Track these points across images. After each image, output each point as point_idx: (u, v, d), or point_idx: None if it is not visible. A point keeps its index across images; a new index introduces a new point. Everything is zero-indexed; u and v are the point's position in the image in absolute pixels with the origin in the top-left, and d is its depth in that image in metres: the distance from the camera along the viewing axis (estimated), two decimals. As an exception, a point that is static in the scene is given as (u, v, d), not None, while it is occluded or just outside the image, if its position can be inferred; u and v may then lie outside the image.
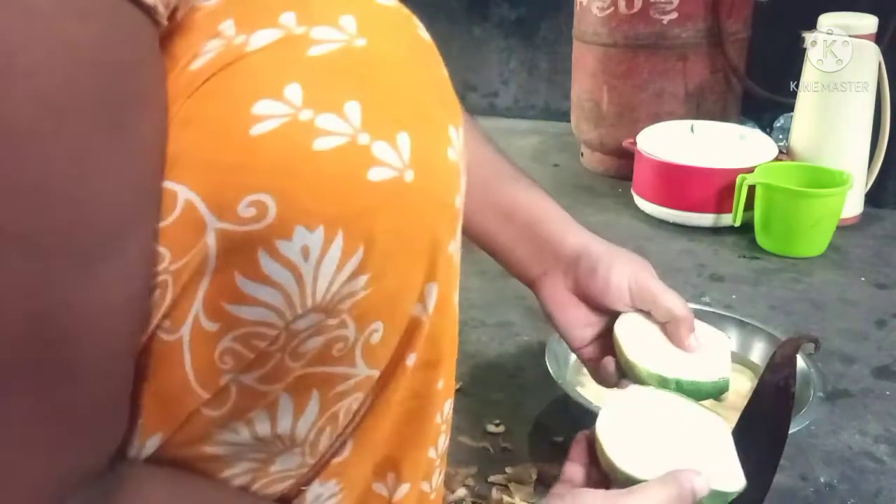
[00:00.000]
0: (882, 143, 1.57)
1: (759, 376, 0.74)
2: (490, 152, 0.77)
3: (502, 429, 1.02)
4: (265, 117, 0.37)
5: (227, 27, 0.39)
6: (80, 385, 0.36)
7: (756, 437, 0.69)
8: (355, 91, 0.39)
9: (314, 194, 0.38)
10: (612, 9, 1.79)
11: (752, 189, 1.50)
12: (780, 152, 1.62)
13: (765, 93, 1.85)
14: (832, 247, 1.50)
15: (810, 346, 0.75)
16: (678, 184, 1.60)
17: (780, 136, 1.77)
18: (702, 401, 0.68)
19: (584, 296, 0.73)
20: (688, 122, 1.70)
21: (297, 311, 0.40)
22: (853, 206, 1.58)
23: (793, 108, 1.63)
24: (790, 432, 0.70)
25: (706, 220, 1.60)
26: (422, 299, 0.46)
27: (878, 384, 1.11)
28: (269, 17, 0.39)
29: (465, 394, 1.08)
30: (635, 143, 1.69)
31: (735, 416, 0.72)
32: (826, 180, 1.48)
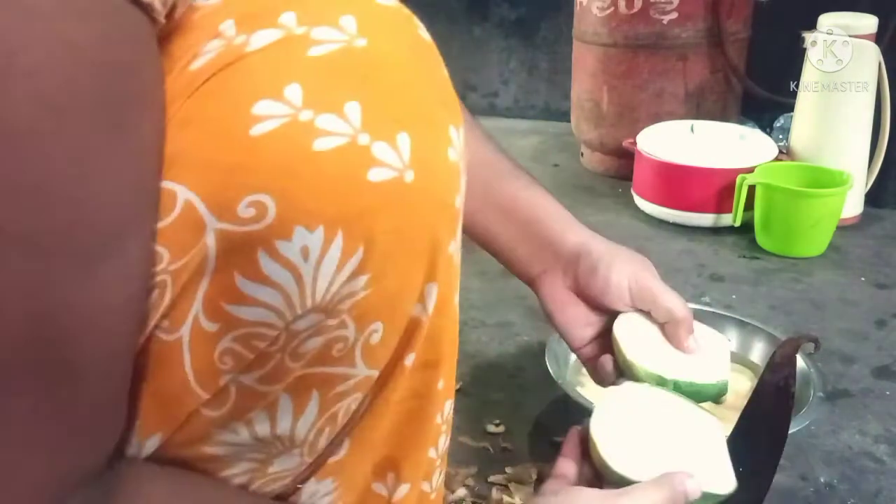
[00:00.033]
0: (882, 143, 1.57)
1: (759, 376, 0.74)
2: (490, 151, 0.76)
3: (502, 429, 1.02)
4: (265, 117, 0.37)
5: (228, 27, 0.39)
6: (79, 385, 0.36)
7: (756, 437, 0.69)
8: (355, 91, 0.39)
9: (314, 195, 0.38)
10: (612, 9, 1.79)
11: (752, 189, 1.50)
12: (780, 152, 1.62)
13: (765, 93, 1.85)
14: (832, 247, 1.50)
15: (810, 346, 0.75)
16: (678, 184, 1.60)
17: (780, 136, 1.77)
18: (700, 403, 0.68)
19: (584, 295, 0.73)
20: (688, 122, 1.70)
21: (297, 311, 0.40)
22: (853, 206, 1.58)
23: (793, 108, 1.63)
24: (790, 432, 0.70)
25: (706, 220, 1.59)
26: (422, 299, 0.46)
27: (878, 384, 1.11)
28: (269, 18, 0.39)
29: (465, 394, 1.08)
30: (635, 143, 1.69)
31: (735, 416, 0.72)
32: (826, 180, 1.48)
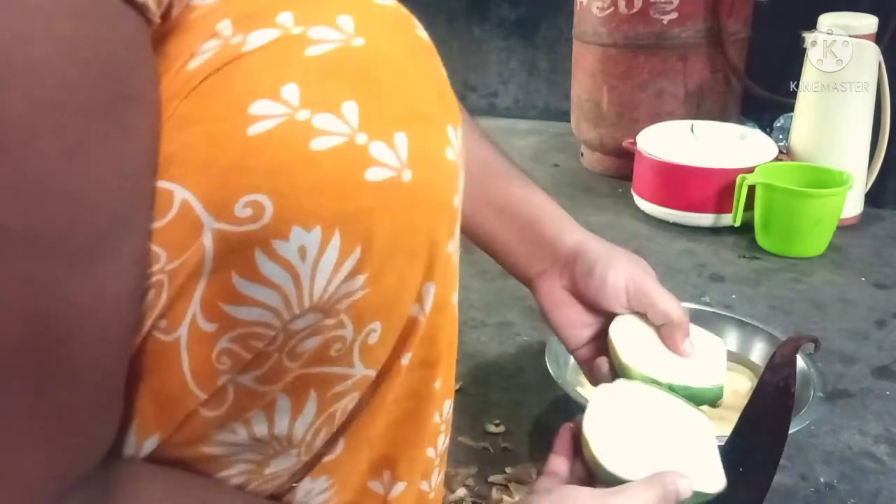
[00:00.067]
0: (882, 143, 1.57)
1: (759, 376, 0.74)
2: (488, 151, 0.76)
3: (502, 429, 1.02)
4: (262, 117, 0.37)
5: (225, 27, 0.39)
6: (74, 384, 0.35)
7: (756, 437, 0.69)
8: (353, 91, 0.39)
9: (311, 194, 0.38)
10: (612, 9, 1.79)
11: (752, 189, 1.50)
12: (780, 152, 1.62)
13: (765, 93, 1.85)
14: (832, 247, 1.50)
15: (810, 346, 0.74)
16: (678, 184, 1.60)
17: (780, 136, 1.77)
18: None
19: (581, 295, 0.73)
20: (688, 122, 1.70)
21: (295, 311, 0.40)
22: (853, 206, 1.58)
23: (793, 108, 1.63)
24: (790, 432, 0.70)
25: (706, 220, 1.59)
26: (419, 299, 0.46)
27: (878, 384, 1.11)
28: (266, 17, 0.39)
29: (465, 394, 1.08)
30: (635, 143, 1.69)
31: (735, 416, 0.72)
32: (826, 180, 1.48)
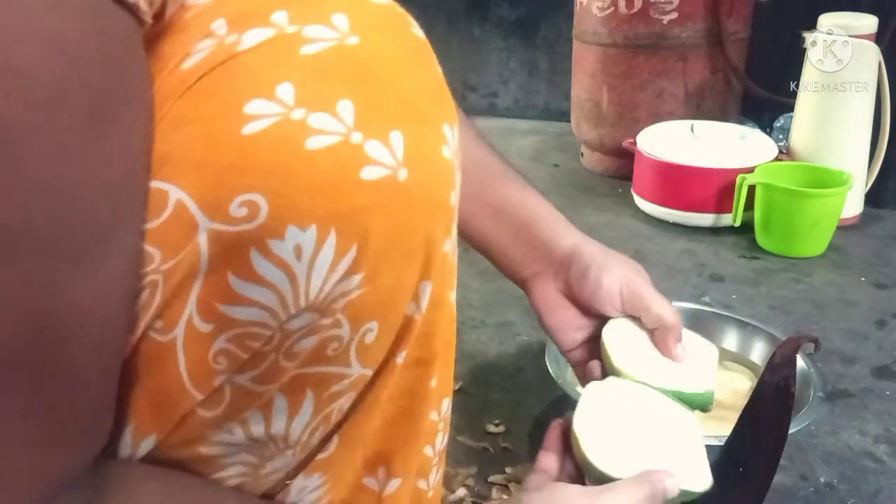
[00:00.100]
0: (882, 143, 1.57)
1: (759, 376, 0.74)
2: (484, 152, 0.76)
3: (502, 429, 1.02)
4: (257, 117, 0.37)
5: (219, 26, 0.39)
6: (68, 384, 0.35)
7: (756, 437, 0.69)
8: (348, 90, 0.39)
9: (306, 193, 0.38)
10: (612, 9, 1.79)
11: (752, 189, 1.50)
12: (780, 152, 1.62)
13: (765, 93, 1.85)
14: (832, 247, 1.50)
15: (810, 346, 0.74)
16: (678, 184, 1.60)
17: (780, 136, 1.76)
18: None
19: (575, 298, 0.73)
20: (688, 122, 1.70)
21: (291, 310, 0.40)
22: (853, 206, 1.58)
23: (793, 108, 1.63)
24: (790, 432, 0.70)
25: (706, 220, 1.59)
26: (416, 298, 0.45)
27: (878, 384, 1.11)
28: (261, 16, 0.39)
29: (465, 394, 1.08)
30: (635, 143, 1.69)
31: (735, 416, 0.72)
32: (826, 180, 1.48)
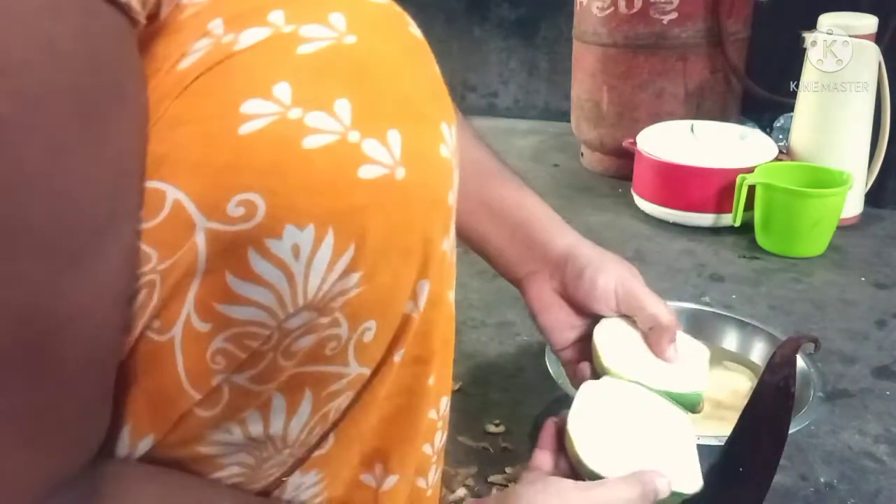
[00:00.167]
0: (882, 143, 1.57)
1: (759, 376, 0.74)
2: (481, 152, 0.76)
3: (502, 429, 1.02)
4: (254, 116, 0.37)
5: (216, 26, 0.39)
6: (63, 383, 0.35)
7: (756, 437, 0.69)
8: (345, 89, 0.39)
9: (304, 193, 0.38)
10: (612, 9, 1.79)
11: (752, 189, 1.50)
12: (780, 152, 1.62)
13: (765, 93, 1.85)
14: (832, 247, 1.50)
15: (810, 346, 0.74)
16: (678, 184, 1.60)
17: (780, 136, 1.76)
18: None
19: (570, 298, 0.74)
20: (688, 122, 1.70)
21: (289, 310, 0.40)
22: (853, 206, 1.58)
23: (793, 108, 1.62)
24: (790, 432, 0.70)
25: (706, 220, 1.59)
26: (414, 297, 0.45)
27: (878, 384, 1.11)
28: (257, 16, 0.39)
29: (465, 394, 1.08)
30: (635, 143, 1.69)
31: (735, 416, 0.72)
32: (826, 180, 1.48)
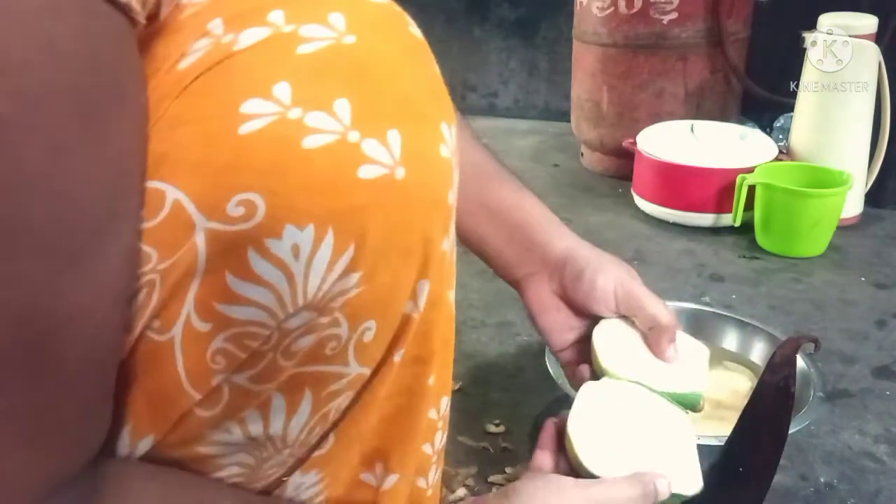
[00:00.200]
0: (882, 143, 1.57)
1: (759, 376, 0.74)
2: (479, 153, 0.77)
3: (502, 429, 1.02)
4: (254, 116, 0.37)
5: (216, 26, 0.39)
6: (64, 383, 0.35)
7: (756, 437, 0.69)
8: (345, 89, 0.39)
9: (303, 192, 0.38)
10: (612, 9, 1.79)
11: (752, 189, 1.50)
12: (780, 152, 1.62)
13: (765, 93, 1.85)
14: (832, 247, 1.50)
15: (810, 346, 0.74)
16: (678, 184, 1.60)
17: (780, 136, 1.76)
18: None
19: (569, 300, 0.74)
20: (688, 122, 1.70)
21: (289, 309, 0.40)
22: (853, 206, 1.58)
23: (793, 108, 1.62)
24: (790, 432, 0.70)
25: (706, 220, 1.59)
26: (414, 297, 0.45)
27: (878, 384, 1.11)
28: (257, 16, 0.39)
29: (465, 394, 1.08)
30: (635, 143, 1.69)
31: (735, 416, 0.71)
32: (826, 180, 1.48)
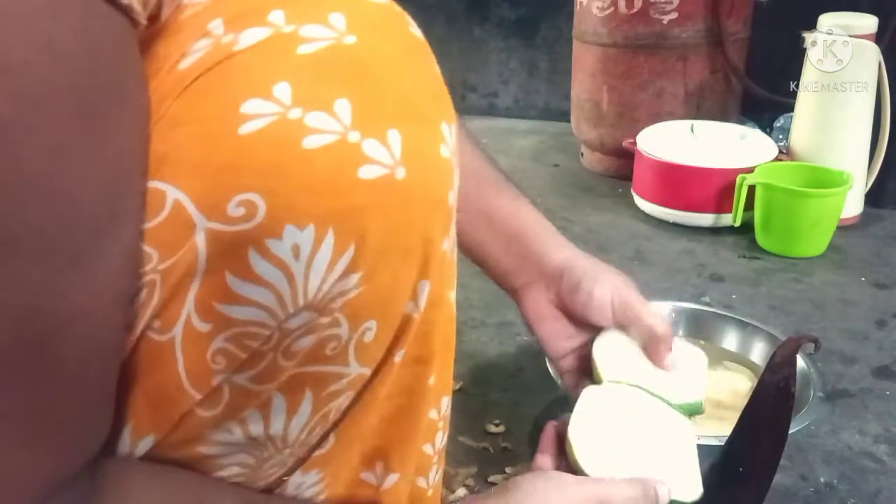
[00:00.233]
0: (882, 143, 1.57)
1: (759, 376, 0.74)
2: (477, 160, 0.77)
3: (502, 429, 1.02)
4: (254, 116, 0.37)
5: (216, 26, 0.39)
6: (65, 384, 0.35)
7: (756, 437, 0.69)
8: (345, 89, 0.39)
9: (304, 193, 0.38)
10: (612, 9, 1.79)
11: (752, 189, 1.50)
12: (780, 152, 1.62)
13: (765, 93, 1.85)
14: (832, 247, 1.50)
15: (810, 346, 0.74)
16: (678, 184, 1.60)
17: (780, 136, 1.76)
18: None
19: (567, 309, 0.74)
20: (688, 122, 1.70)
21: (289, 310, 0.40)
22: (853, 206, 1.58)
23: (793, 108, 1.62)
24: (790, 432, 0.70)
25: (706, 220, 1.59)
26: (414, 297, 0.45)
27: (878, 384, 1.11)
28: (257, 16, 0.39)
29: (465, 394, 1.08)
30: (635, 143, 1.69)
31: (735, 416, 0.71)
32: (826, 180, 1.48)
